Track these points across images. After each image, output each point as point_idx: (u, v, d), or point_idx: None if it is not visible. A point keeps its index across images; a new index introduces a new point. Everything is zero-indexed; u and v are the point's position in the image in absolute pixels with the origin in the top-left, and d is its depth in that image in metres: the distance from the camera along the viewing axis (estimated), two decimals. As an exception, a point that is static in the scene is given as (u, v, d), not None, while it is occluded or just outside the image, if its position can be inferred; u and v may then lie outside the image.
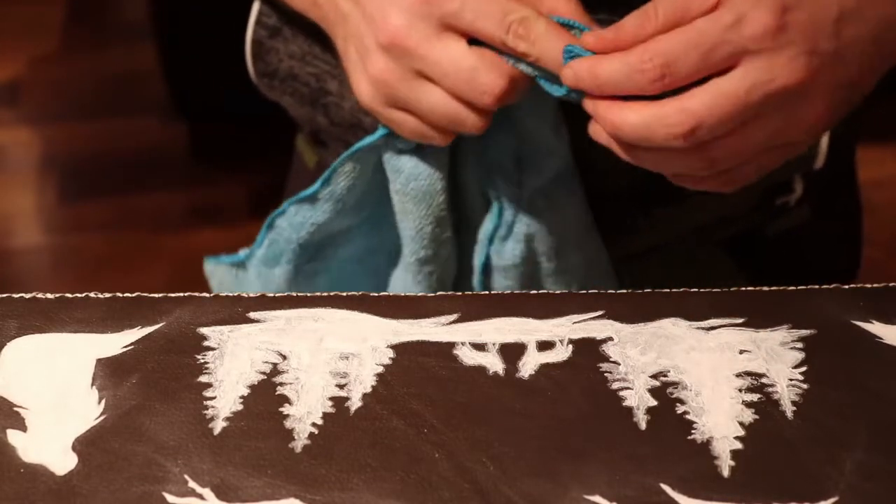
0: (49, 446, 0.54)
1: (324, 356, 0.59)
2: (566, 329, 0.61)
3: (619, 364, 0.59)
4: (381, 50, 0.66)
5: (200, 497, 0.52)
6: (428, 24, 0.65)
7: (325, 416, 0.56)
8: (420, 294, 0.64)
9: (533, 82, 0.65)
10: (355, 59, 0.69)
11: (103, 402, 0.57)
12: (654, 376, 0.58)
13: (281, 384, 0.58)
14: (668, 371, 0.59)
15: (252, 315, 0.61)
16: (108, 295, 0.62)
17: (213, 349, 0.60)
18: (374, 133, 0.71)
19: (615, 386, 0.58)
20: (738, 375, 0.58)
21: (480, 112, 0.66)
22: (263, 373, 0.58)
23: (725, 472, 0.54)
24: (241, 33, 0.87)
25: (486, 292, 0.64)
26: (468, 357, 0.60)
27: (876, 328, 0.62)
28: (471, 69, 0.64)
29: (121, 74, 2.40)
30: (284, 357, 0.59)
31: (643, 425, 0.56)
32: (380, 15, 0.66)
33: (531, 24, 0.63)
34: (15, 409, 0.56)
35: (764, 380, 0.58)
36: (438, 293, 0.64)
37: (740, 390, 0.58)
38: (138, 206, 2.14)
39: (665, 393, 0.57)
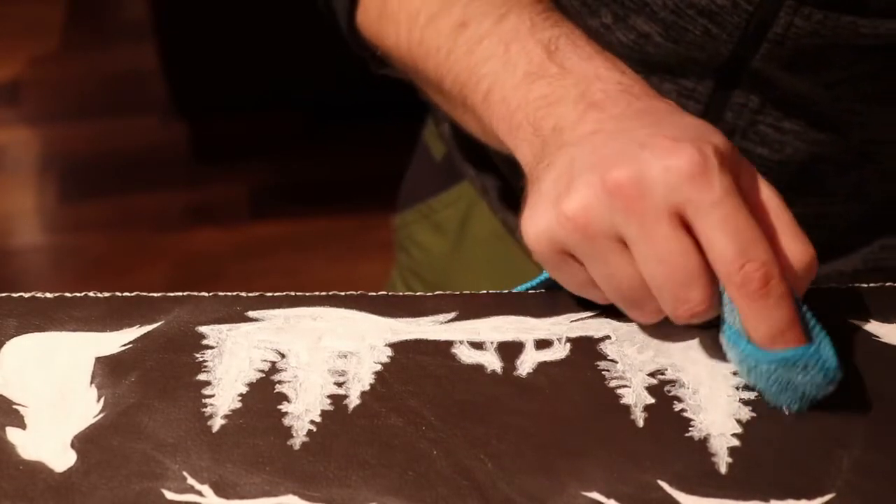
0: (48, 443, 0.54)
1: (322, 354, 0.59)
2: (564, 327, 0.61)
3: (616, 362, 0.59)
4: (598, 190, 0.56)
5: (199, 494, 0.52)
6: (669, 197, 0.55)
7: (324, 413, 0.56)
8: (418, 293, 0.64)
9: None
10: (547, 189, 0.58)
11: (102, 399, 0.57)
12: (652, 374, 0.59)
13: (279, 382, 0.58)
14: (666, 369, 0.59)
15: (251, 314, 0.62)
16: (107, 294, 0.63)
17: (211, 348, 0.60)
18: (535, 279, 0.64)
19: (613, 384, 0.58)
20: (736, 373, 0.58)
21: (660, 311, 0.58)
22: (262, 371, 0.59)
23: (723, 469, 0.54)
24: (241, 33, 0.87)
25: (484, 291, 0.64)
26: (466, 355, 0.60)
27: (874, 327, 0.62)
28: (688, 274, 0.55)
29: (121, 74, 2.41)
30: (283, 355, 0.59)
31: (641, 423, 0.56)
32: (623, 158, 0.56)
33: (772, 281, 0.55)
34: (14, 406, 0.56)
35: (761, 378, 0.58)
36: (437, 292, 0.64)
37: (737, 388, 0.58)
38: (138, 206, 2.14)
39: (662, 391, 0.58)
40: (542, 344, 0.60)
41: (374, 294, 0.63)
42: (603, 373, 0.59)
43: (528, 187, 0.61)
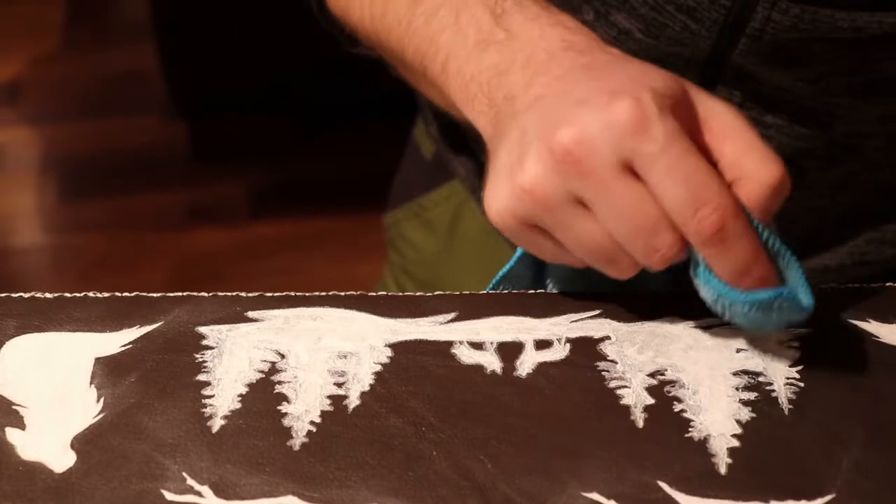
0: (48, 444, 0.54)
1: (322, 355, 0.59)
2: (564, 328, 0.61)
3: (616, 363, 0.59)
4: (547, 159, 0.56)
5: (199, 494, 0.52)
6: (615, 153, 0.55)
7: (324, 414, 0.56)
8: (418, 294, 0.64)
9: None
10: (502, 163, 0.58)
11: (102, 400, 0.57)
12: (652, 375, 0.58)
13: (279, 383, 0.58)
14: (666, 369, 0.59)
15: (250, 314, 0.62)
16: (106, 294, 0.63)
17: (211, 348, 0.60)
18: (513, 257, 0.64)
19: (612, 384, 0.58)
20: (736, 374, 0.58)
21: (635, 263, 0.58)
22: (262, 371, 0.59)
23: (723, 470, 0.54)
24: (241, 33, 0.87)
25: (483, 292, 0.64)
26: (466, 356, 0.60)
27: (873, 327, 0.62)
28: (651, 222, 0.55)
29: (121, 74, 2.41)
30: (283, 356, 0.59)
31: (640, 423, 0.56)
32: (564, 119, 0.56)
33: (728, 222, 0.55)
34: (14, 407, 0.56)
35: (761, 378, 0.58)
36: (436, 293, 0.64)
37: (737, 388, 0.58)
38: (138, 206, 2.14)
39: (662, 391, 0.58)
40: (542, 344, 0.60)
41: (373, 294, 0.63)
42: (603, 373, 0.59)
43: (488, 161, 0.61)
